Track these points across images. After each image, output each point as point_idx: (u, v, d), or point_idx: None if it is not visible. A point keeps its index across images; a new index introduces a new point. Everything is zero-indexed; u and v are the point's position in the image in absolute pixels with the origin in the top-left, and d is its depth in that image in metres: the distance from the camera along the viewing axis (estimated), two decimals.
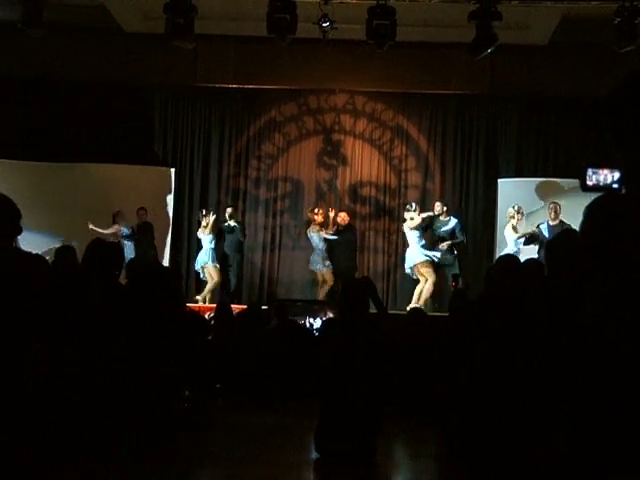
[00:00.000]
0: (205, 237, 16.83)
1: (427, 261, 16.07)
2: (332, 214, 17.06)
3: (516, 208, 15.99)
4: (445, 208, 16.69)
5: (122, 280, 8.00)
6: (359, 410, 7.29)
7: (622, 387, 2.25)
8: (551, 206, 15.55)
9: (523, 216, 16.07)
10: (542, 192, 16.86)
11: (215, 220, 16.92)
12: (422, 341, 10.68)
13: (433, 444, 9.10)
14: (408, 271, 16.47)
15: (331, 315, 14.08)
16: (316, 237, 16.80)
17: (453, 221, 16.61)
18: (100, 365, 6.29)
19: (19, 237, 4.85)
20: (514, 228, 15.81)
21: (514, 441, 4.28)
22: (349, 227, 17.26)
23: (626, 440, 2.25)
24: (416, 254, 16.16)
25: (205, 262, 16.78)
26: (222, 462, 7.96)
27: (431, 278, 16.03)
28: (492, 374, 5.11)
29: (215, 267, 16.79)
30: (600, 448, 2.30)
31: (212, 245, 16.78)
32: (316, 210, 17.12)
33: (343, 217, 17.14)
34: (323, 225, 16.94)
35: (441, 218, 16.59)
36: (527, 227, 15.99)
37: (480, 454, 5.39)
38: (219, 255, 16.97)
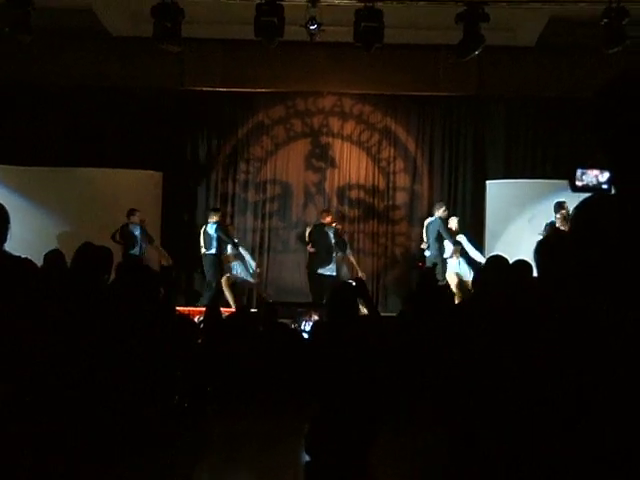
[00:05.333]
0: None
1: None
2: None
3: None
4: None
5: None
6: (351, 413, 7.29)
7: (617, 388, 2.26)
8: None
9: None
10: (531, 193, 16.85)
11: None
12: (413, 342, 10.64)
13: (428, 447, 9.10)
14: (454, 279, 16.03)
15: (316, 318, 14.09)
16: None
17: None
18: (89, 374, 6.27)
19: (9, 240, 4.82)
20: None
21: (514, 441, 4.28)
22: None
23: (626, 440, 2.26)
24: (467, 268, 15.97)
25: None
26: (212, 466, 7.96)
27: None
28: (488, 376, 5.12)
29: None
30: (601, 448, 2.31)
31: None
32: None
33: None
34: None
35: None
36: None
37: (478, 460, 5.40)
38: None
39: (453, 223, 16.26)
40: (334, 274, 16.43)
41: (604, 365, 2.31)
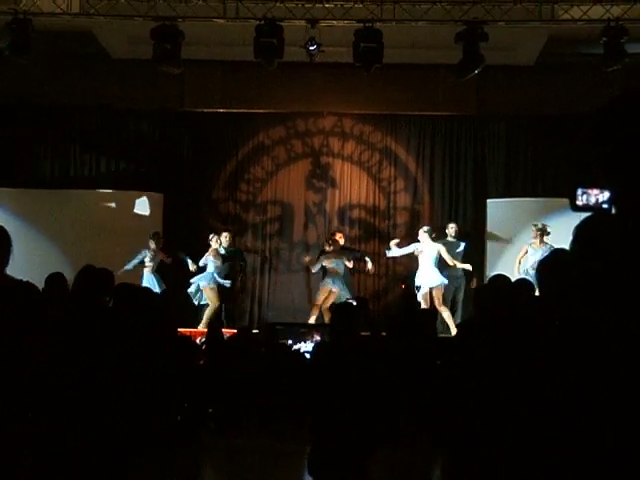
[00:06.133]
0: (213, 260, 16.66)
1: (442, 285, 15.87)
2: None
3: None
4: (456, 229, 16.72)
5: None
6: (352, 433, 7.26)
7: (617, 391, 2.27)
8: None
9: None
10: (531, 212, 16.82)
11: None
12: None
13: (427, 466, 9.09)
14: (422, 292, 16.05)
15: (318, 338, 14.08)
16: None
17: (462, 244, 16.59)
18: (90, 397, 6.26)
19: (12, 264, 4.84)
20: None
21: (514, 441, 4.28)
22: None
23: (626, 440, 2.27)
24: (434, 277, 15.95)
25: (205, 284, 16.60)
26: None
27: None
28: (489, 377, 5.12)
29: (213, 290, 16.61)
30: (601, 448, 2.31)
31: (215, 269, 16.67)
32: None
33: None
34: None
35: (451, 239, 16.55)
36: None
37: (478, 460, 5.39)
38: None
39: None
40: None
41: (604, 369, 2.32)
